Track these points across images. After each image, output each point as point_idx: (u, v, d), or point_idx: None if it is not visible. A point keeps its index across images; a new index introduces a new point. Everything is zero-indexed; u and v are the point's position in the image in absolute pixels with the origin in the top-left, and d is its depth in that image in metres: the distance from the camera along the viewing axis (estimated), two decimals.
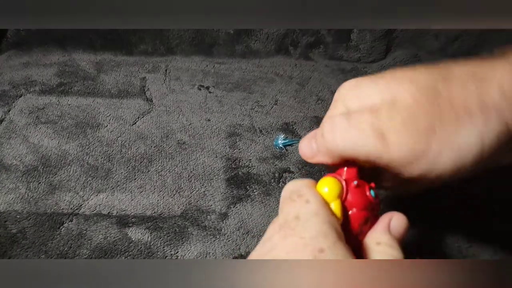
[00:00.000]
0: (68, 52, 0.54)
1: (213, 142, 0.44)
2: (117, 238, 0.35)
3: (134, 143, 0.43)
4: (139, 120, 0.46)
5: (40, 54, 0.54)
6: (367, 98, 0.22)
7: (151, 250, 0.34)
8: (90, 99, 0.48)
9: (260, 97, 0.50)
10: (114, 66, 0.53)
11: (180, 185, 0.39)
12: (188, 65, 0.55)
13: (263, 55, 0.57)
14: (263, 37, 0.57)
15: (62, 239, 0.34)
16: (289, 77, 0.54)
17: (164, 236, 0.35)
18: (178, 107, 0.48)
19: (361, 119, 0.21)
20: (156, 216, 0.37)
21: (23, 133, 0.43)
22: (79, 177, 0.39)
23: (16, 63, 0.53)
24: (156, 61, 0.55)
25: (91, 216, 0.36)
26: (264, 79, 0.53)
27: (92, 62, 0.54)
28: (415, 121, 0.19)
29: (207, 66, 0.55)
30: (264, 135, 0.45)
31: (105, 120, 0.45)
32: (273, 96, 0.51)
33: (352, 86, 0.24)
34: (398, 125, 0.20)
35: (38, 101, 0.47)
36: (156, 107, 0.48)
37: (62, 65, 0.53)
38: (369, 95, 0.22)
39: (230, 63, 0.56)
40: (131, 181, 0.39)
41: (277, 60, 0.57)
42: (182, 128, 0.45)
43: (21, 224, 0.35)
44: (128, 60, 0.55)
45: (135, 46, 0.56)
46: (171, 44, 0.56)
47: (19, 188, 0.38)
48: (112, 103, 0.48)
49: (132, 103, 0.48)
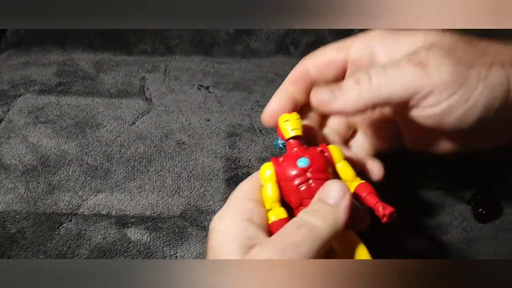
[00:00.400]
0: (68, 52, 0.54)
1: (213, 142, 0.44)
2: (116, 238, 0.35)
3: (133, 143, 0.43)
4: (138, 120, 0.46)
5: (39, 54, 0.54)
6: (400, 49, 0.22)
7: (150, 251, 0.34)
8: (90, 98, 0.48)
9: (260, 97, 0.50)
10: (114, 66, 0.53)
11: (179, 185, 0.39)
12: (188, 64, 0.55)
13: (263, 54, 0.57)
14: (263, 36, 0.56)
15: (61, 239, 0.34)
16: None
17: (164, 236, 0.35)
18: (177, 107, 0.48)
19: (398, 60, 0.21)
20: (155, 216, 0.37)
21: (22, 133, 0.43)
22: (78, 177, 0.39)
23: (15, 62, 0.53)
24: (155, 61, 0.55)
25: (90, 216, 0.36)
26: (264, 79, 0.53)
27: (92, 61, 0.53)
28: (454, 56, 0.20)
29: (206, 66, 0.55)
30: (264, 135, 0.45)
31: (104, 119, 0.45)
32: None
33: (379, 37, 0.23)
34: (439, 57, 0.20)
35: (37, 100, 0.47)
36: (156, 106, 0.48)
37: (62, 64, 0.52)
38: (403, 46, 0.22)
39: (230, 62, 0.55)
40: (130, 181, 0.39)
41: (277, 60, 0.57)
42: (181, 128, 0.45)
43: (20, 224, 0.35)
44: (127, 59, 0.55)
45: (134, 46, 0.56)
46: (171, 43, 0.56)
47: (18, 188, 0.38)
48: (111, 102, 0.47)
49: (131, 103, 0.48)
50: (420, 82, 0.21)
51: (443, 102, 0.21)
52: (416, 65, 0.21)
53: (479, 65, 0.21)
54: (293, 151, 0.25)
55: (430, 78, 0.20)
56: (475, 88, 0.21)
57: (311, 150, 0.25)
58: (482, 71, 0.21)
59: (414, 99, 0.21)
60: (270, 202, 0.25)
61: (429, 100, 0.21)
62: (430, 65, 0.20)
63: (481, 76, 0.21)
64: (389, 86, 0.21)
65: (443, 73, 0.20)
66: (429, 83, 0.21)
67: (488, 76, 0.21)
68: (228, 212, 0.24)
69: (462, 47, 0.21)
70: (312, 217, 0.21)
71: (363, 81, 0.22)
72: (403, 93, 0.21)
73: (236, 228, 0.23)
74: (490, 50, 0.22)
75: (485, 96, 0.21)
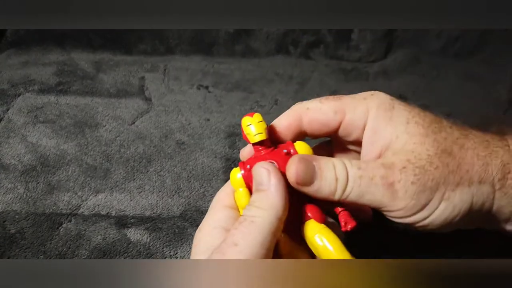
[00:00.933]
0: (67, 51, 0.54)
1: (212, 142, 0.44)
2: (116, 239, 0.35)
3: (133, 143, 0.43)
4: (138, 119, 0.46)
5: (39, 53, 0.54)
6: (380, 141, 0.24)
7: (150, 251, 0.34)
8: (89, 98, 0.48)
9: (259, 97, 0.50)
10: (113, 66, 0.53)
11: (179, 186, 0.39)
12: (188, 64, 0.55)
13: (263, 54, 0.57)
14: (263, 36, 0.56)
15: (61, 239, 0.34)
16: (289, 77, 0.54)
17: (163, 237, 0.35)
18: (177, 106, 0.48)
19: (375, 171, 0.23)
20: (155, 217, 0.37)
21: (22, 133, 0.43)
22: (78, 177, 0.39)
23: (15, 62, 0.53)
24: (155, 61, 0.54)
25: (89, 216, 0.36)
26: (264, 79, 0.53)
27: (91, 61, 0.53)
28: (425, 180, 0.22)
29: (206, 66, 0.54)
30: None
31: (104, 119, 0.45)
32: (273, 96, 0.51)
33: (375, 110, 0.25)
34: (407, 182, 0.22)
35: (37, 100, 0.47)
36: (155, 106, 0.47)
37: (61, 64, 0.52)
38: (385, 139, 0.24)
39: (229, 62, 0.55)
40: (130, 181, 0.39)
41: (277, 60, 0.57)
42: (181, 128, 0.45)
43: (20, 225, 0.35)
44: (127, 59, 0.54)
45: (134, 46, 0.56)
46: (171, 43, 0.56)
47: (18, 188, 0.38)
48: (110, 102, 0.47)
49: (131, 103, 0.48)
50: (387, 203, 0.23)
51: (405, 218, 0.23)
52: (388, 187, 0.22)
53: (445, 185, 0.23)
54: (260, 155, 0.25)
55: (396, 202, 0.23)
56: (435, 208, 0.23)
57: (277, 153, 0.25)
58: (446, 192, 0.23)
59: (381, 209, 0.24)
60: (242, 207, 0.25)
61: (393, 213, 0.23)
62: (399, 190, 0.22)
63: (443, 197, 0.23)
64: (360, 195, 0.23)
65: (407, 198, 0.22)
66: (394, 205, 0.23)
67: (451, 197, 0.23)
68: (204, 223, 0.25)
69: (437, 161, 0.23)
70: (249, 211, 0.22)
71: (341, 181, 0.23)
72: (371, 204, 0.23)
73: (208, 238, 0.24)
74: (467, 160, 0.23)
75: (445, 214, 0.23)
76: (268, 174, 0.23)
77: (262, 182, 0.23)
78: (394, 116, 0.24)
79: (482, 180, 0.23)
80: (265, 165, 0.23)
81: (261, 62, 0.56)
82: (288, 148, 0.25)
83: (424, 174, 0.22)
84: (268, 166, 0.23)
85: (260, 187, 0.23)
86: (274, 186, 0.22)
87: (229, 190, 0.26)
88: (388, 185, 0.22)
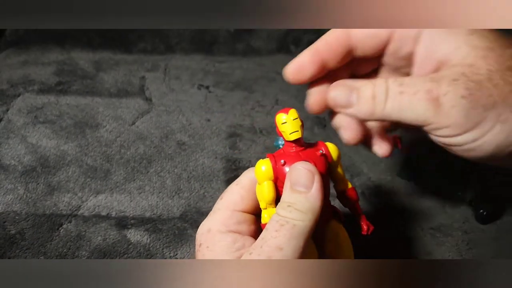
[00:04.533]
0: (67, 51, 0.54)
1: (213, 142, 0.44)
2: (116, 240, 0.35)
3: (133, 144, 0.43)
4: (138, 120, 0.45)
5: (38, 53, 0.54)
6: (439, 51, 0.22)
7: (150, 252, 0.34)
8: (89, 98, 0.47)
9: (261, 97, 0.50)
10: (113, 65, 0.53)
11: (179, 187, 0.39)
12: (188, 63, 0.54)
13: (264, 53, 0.56)
14: (264, 35, 0.56)
15: (61, 240, 0.34)
16: None
17: (164, 238, 0.35)
18: (178, 106, 0.47)
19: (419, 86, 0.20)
20: (155, 218, 0.37)
21: (22, 133, 0.43)
22: (78, 178, 0.39)
23: (14, 61, 0.52)
24: (155, 60, 0.54)
25: (90, 217, 0.36)
26: (265, 78, 0.53)
27: (91, 60, 0.53)
28: (479, 96, 0.20)
29: (207, 65, 0.54)
30: (264, 136, 0.45)
31: (104, 120, 0.45)
32: (274, 95, 0.50)
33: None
34: (457, 96, 0.20)
35: (37, 100, 0.47)
36: (156, 106, 0.47)
37: (61, 63, 0.52)
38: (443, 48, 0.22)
39: (230, 61, 0.55)
40: (130, 182, 0.39)
41: (278, 59, 0.56)
42: (181, 128, 0.45)
43: (20, 225, 0.35)
44: (127, 58, 0.54)
45: (134, 45, 0.55)
46: (171, 42, 0.56)
47: (18, 188, 0.38)
48: (111, 102, 0.47)
49: (131, 103, 0.47)
50: (431, 119, 0.21)
51: (452, 137, 0.21)
52: (432, 101, 0.20)
53: (503, 106, 0.20)
54: (294, 152, 0.25)
55: (441, 117, 0.20)
56: (488, 129, 0.20)
57: (312, 153, 0.25)
58: (504, 113, 0.20)
59: (425, 127, 0.22)
60: (265, 202, 0.24)
61: (438, 131, 0.21)
62: (445, 105, 0.20)
63: (500, 119, 0.20)
64: (401, 112, 0.21)
65: (455, 115, 0.20)
66: (439, 121, 0.21)
67: (509, 120, 0.20)
68: (215, 224, 0.24)
69: (498, 78, 0.20)
70: (290, 213, 0.21)
71: (379, 98, 0.22)
72: (413, 121, 0.21)
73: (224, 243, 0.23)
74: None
75: (499, 138, 0.20)
76: (312, 176, 0.22)
77: (305, 184, 0.22)
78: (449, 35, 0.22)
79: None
80: (307, 166, 0.22)
81: (262, 61, 0.56)
82: (321, 148, 0.25)
83: (478, 90, 0.20)
84: (311, 168, 0.22)
85: (300, 188, 0.22)
86: (316, 190, 0.22)
87: (242, 192, 0.25)
88: (433, 99, 0.20)
